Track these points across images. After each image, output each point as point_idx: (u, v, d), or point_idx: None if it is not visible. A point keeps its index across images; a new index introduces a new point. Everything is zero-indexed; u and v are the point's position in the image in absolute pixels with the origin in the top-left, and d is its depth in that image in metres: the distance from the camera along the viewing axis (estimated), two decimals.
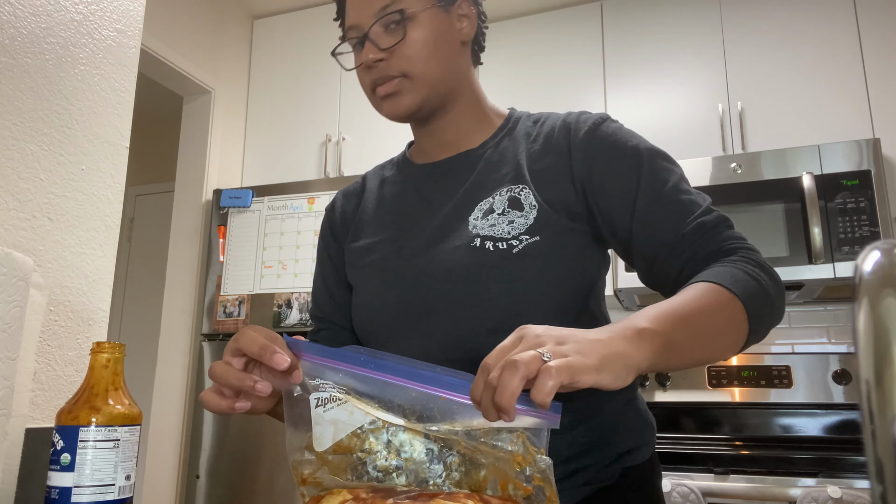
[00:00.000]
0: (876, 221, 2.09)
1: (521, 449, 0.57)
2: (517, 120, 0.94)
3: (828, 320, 2.49)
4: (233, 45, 2.97)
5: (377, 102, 0.88)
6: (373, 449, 0.60)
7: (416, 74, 0.84)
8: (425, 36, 0.83)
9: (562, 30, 2.82)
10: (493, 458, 0.58)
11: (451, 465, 0.59)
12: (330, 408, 0.61)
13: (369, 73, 0.85)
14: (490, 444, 0.58)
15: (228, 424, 2.39)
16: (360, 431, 0.61)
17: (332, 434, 0.61)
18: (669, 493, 1.76)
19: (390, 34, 0.83)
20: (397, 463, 0.60)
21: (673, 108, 2.58)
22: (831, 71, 2.41)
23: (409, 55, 0.83)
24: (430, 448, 0.60)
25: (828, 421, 2.32)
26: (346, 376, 0.62)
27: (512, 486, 0.57)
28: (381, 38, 0.83)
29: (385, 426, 0.60)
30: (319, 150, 2.82)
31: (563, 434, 0.78)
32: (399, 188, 0.96)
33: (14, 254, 0.78)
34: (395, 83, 0.84)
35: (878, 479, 0.33)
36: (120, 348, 0.76)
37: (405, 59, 0.83)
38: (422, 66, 0.84)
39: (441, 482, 0.59)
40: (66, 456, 0.71)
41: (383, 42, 0.83)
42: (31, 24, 1.04)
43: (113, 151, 1.19)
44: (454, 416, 0.59)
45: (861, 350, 0.34)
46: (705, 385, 2.46)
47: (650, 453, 0.86)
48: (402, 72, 0.83)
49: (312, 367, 0.63)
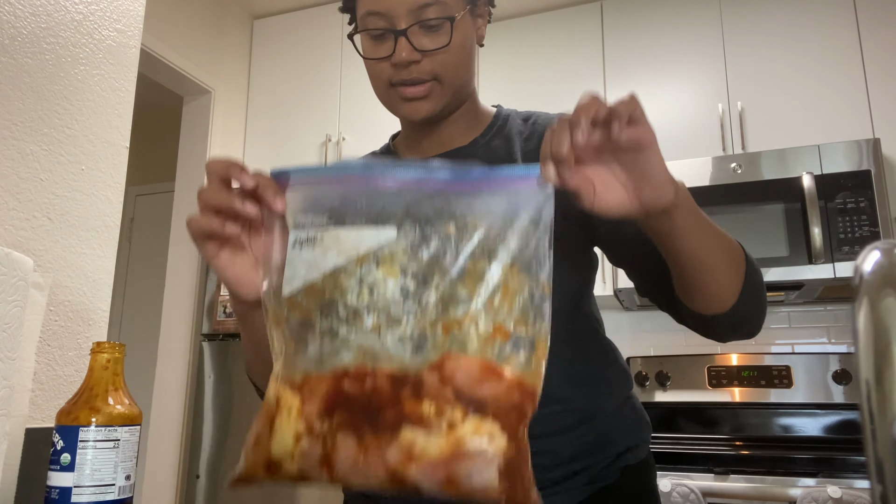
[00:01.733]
0: (876, 221, 2.09)
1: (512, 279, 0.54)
2: (506, 118, 0.92)
3: (828, 320, 2.49)
4: (233, 45, 2.97)
5: (394, 100, 0.83)
6: (343, 287, 0.56)
7: (447, 80, 0.81)
8: (462, 41, 0.81)
9: (562, 30, 2.82)
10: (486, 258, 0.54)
11: (426, 304, 0.55)
12: (307, 248, 0.58)
13: (396, 71, 0.80)
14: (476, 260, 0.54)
15: (228, 424, 2.39)
16: (333, 270, 0.57)
17: (303, 274, 0.57)
18: (669, 493, 1.76)
19: (431, 35, 0.79)
20: (368, 302, 0.55)
21: (673, 108, 2.58)
22: (831, 71, 2.41)
23: (447, 61, 0.80)
24: (406, 287, 0.56)
25: (828, 421, 2.32)
26: (332, 196, 0.58)
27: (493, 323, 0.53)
28: (419, 37, 0.78)
29: (359, 264, 0.56)
30: (319, 150, 2.82)
31: (566, 434, 0.79)
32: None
33: (14, 254, 0.78)
34: (426, 87, 0.80)
35: (878, 479, 0.33)
36: (120, 348, 0.76)
37: (441, 65, 0.80)
38: (454, 73, 0.81)
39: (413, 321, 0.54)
40: (66, 456, 0.71)
41: (422, 43, 0.78)
42: (31, 24, 1.04)
43: (113, 151, 1.19)
44: (453, 209, 0.56)
45: (861, 350, 0.34)
46: (705, 385, 2.46)
47: (647, 452, 0.87)
48: (435, 76, 0.80)
49: (302, 198, 0.59)
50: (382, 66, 0.81)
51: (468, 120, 0.90)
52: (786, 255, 2.16)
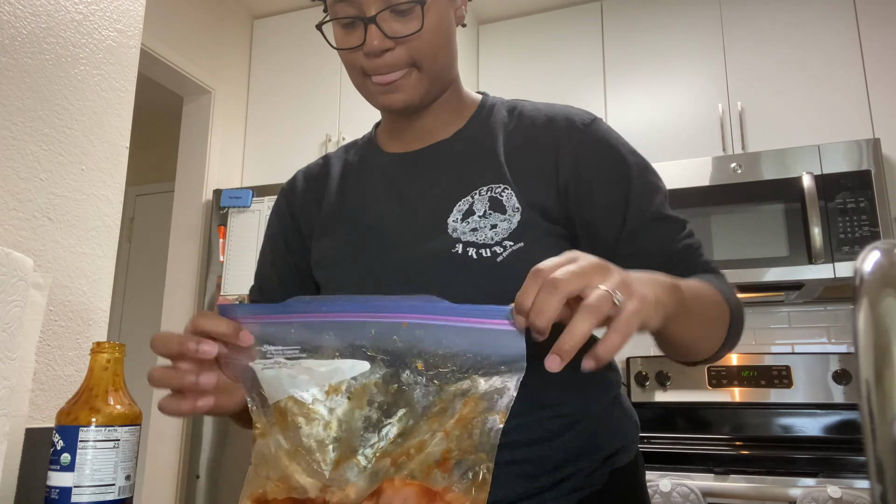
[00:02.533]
0: (876, 221, 2.09)
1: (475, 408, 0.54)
2: (491, 107, 0.87)
3: (828, 320, 2.49)
4: (233, 45, 2.97)
5: (370, 91, 0.80)
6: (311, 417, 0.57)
7: (425, 66, 0.77)
8: (437, 24, 0.76)
9: (562, 30, 2.82)
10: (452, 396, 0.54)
11: (384, 435, 0.56)
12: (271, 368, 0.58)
13: (369, 60, 0.76)
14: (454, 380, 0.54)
15: (228, 424, 2.39)
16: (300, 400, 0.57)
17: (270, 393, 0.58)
18: (669, 494, 1.76)
19: (402, 21, 0.75)
20: (336, 435, 0.56)
21: (673, 108, 2.58)
22: (831, 71, 2.41)
23: (421, 46, 0.76)
24: (369, 416, 0.56)
25: (828, 421, 2.32)
26: (298, 330, 0.57)
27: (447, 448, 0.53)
28: (390, 23, 0.75)
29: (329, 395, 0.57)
30: (319, 151, 2.82)
31: (552, 441, 0.76)
32: (366, 178, 0.88)
33: (14, 254, 0.78)
34: (400, 74, 0.77)
35: (878, 479, 0.33)
36: (120, 348, 0.76)
37: (416, 51, 0.76)
38: (431, 58, 0.77)
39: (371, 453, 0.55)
40: (66, 456, 0.71)
41: (393, 29, 0.75)
42: (31, 24, 1.04)
43: (113, 151, 1.19)
44: (420, 344, 0.55)
45: (861, 350, 0.34)
46: (705, 385, 2.46)
47: (636, 452, 0.84)
48: (411, 63, 0.77)
49: (262, 329, 0.59)
50: (356, 56, 0.78)
51: (450, 109, 0.86)
52: (786, 255, 2.16)
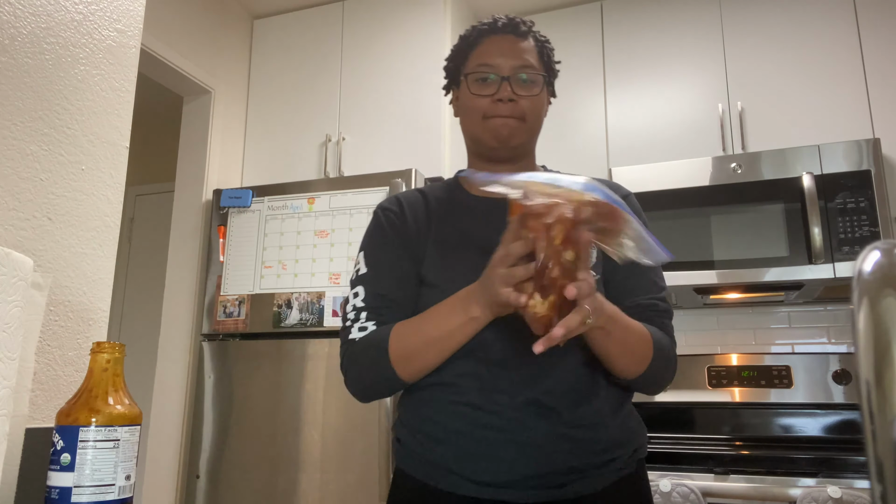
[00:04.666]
0: (876, 221, 2.08)
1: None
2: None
3: (828, 320, 2.49)
4: (233, 45, 2.97)
5: (486, 128, 1.07)
6: None
7: (529, 122, 1.08)
8: (543, 99, 1.11)
9: (562, 30, 2.82)
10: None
11: None
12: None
13: (493, 105, 1.06)
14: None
15: (228, 424, 2.39)
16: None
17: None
18: (669, 493, 1.76)
19: (526, 86, 1.07)
20: None
21: (673, 108, 2.58)
22: (831, 71, 2.41)
23: (533, 107, 1.08)
24: None
25: (828, 421, 2.32)
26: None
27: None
28: (517, 87, 1.06)
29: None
30: (319, 150, 2.82)
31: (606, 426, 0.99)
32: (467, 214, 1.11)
33: (14, 254, 0.78)
34: (515, 121, 1.06)
35: (878, 479, 0.33)
36: (120, 348, 0.76)
37: (529, 108, 1.07)
38: (535, 119, 1.08)
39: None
40: (66, 456, 0.71)
41: (521, 89, 1.06)
42: (31, 24, 1.04)
43: (113, 151, 1.19)
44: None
45: (861, 350, 0.34)
46: (705, 385, 2.46)
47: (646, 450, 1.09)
48: (522, 115, 1.06)
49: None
50: (483, 102, 1.07)
51: (524, 167, 1.13)
52: (786, 255, 2.16)
